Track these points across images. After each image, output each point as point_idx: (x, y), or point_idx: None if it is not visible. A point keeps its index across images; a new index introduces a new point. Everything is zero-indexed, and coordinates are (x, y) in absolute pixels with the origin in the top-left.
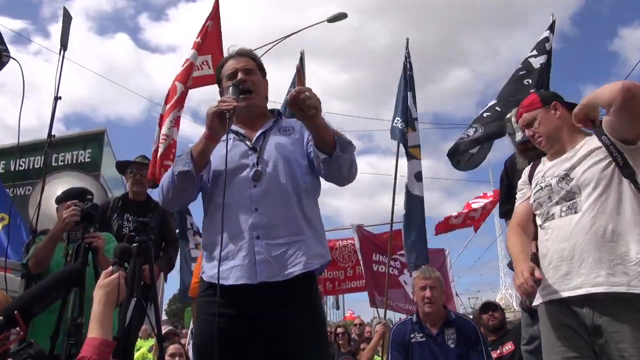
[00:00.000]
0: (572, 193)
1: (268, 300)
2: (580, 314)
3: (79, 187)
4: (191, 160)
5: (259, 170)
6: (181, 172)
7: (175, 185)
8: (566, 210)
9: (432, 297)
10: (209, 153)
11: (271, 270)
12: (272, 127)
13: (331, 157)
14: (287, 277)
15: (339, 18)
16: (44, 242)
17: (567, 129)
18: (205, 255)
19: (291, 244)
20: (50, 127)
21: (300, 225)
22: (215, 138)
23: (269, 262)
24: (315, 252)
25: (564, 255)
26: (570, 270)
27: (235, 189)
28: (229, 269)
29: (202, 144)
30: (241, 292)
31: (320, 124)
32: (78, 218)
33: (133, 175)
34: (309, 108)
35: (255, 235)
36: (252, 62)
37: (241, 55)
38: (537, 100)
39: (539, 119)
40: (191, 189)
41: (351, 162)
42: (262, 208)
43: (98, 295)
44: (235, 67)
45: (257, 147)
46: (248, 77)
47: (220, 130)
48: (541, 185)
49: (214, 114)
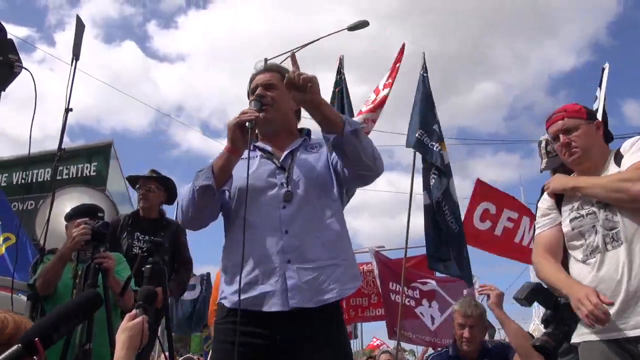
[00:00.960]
0: (614, 222)
1: (296, 328)
2: (634, 353)
3: (89, 204)
4: (212, 175)
5: (289, 191)
6: (202, 186)
7: (195, 202)
8: (610, 241)
9: (470, 338)
10: (231, 167)
11: (304, 295)
12: (300, 146)
13: (342, 136)
14: (319, 303)
15: (360, 26)
16: (52, 262)
17: (599, 150)
18: (226, 279)
19: (324, 268)
20: (61, 140)
21: (333, 249)
22: (237, 151)
23: (301, 287)
24: (348, 277)
25: (618, 290)
26: (626, 307)
27: (263, 209)
28: (258, 295)
29: (223, 157)
30: (270, 320)
31: (322, 101)
32: (89, 237)
33: (140, 190)
34: (305, 82)
35: (287, 259)
36: (276, 77)
37: (267, 71)
38: (583, 111)
39: (581, 130)
40: (212, 206)
41: (370, 143)
42: (293, 230)
43: (121, 339)
44: (257, 83)
45: (285, 166)
46: (267, 92)
47: (243, 143)
48: (581, 212)
49: (235, 125)
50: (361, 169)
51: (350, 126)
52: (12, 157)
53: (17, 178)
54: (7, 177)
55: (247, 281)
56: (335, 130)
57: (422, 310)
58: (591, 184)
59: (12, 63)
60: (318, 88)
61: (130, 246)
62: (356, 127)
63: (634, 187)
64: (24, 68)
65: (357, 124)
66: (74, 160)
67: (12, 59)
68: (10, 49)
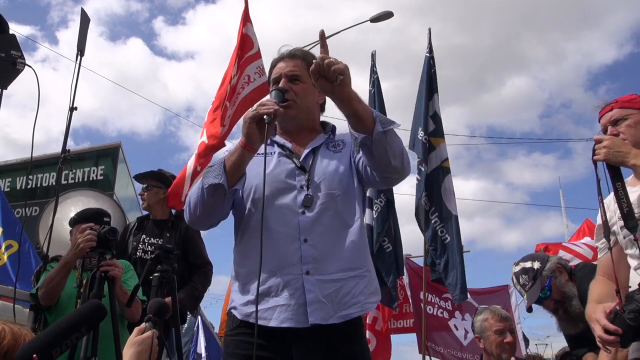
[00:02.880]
0: None
1: (314, 345)
2: None
3: (95, 208)
4: (224, 172)
5: (310, 195)
6: (212, 185)
7: (204, 201)
8: None
9: (513, 342)
10: (245, 164)
11: (325, 311)
12: (323, 143)
13: (372, 135)
14: (343, 319)
15: (383, 17)
16: (56, 271)
17: None
18: (238, 287)
19: (347, 280)
20: (65, 141)
21: (356, 259)
22: (253, 147)
23: (322, 302)
24: (372, 290)
25: None
26: None
27: (280, 213)
28: (271, 307)
29: (237, 153)
30: (283, 335)
31: (352, 95)
32: (94, 244)
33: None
34: (335, 73)
35: (305, 270)
36: (302, 66)
37: (292, 58)
38: (637, 100)
39: (632, 120)
40: (222, 205)
41: (400, 144)
42: (313, 239)
43: (128, 354)
44: (281, 72)
45: (306, 166)
46: (292, 86)
47: (259, 138)
48: None
49: (252, 118)
50: (388, 171)
51: (382, 125)
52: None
53: (21, 183)
54: (11, 182)
55: (259, 292)
56: (365, 128)
57: (455, 322)
58: None
59: (15, 60)
60: (349, 79)
61: (135, 249)
62: (388, 128)
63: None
64: (27, 65)
65: (390, 123)
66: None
67: (14, 55)
68: (13, 44)
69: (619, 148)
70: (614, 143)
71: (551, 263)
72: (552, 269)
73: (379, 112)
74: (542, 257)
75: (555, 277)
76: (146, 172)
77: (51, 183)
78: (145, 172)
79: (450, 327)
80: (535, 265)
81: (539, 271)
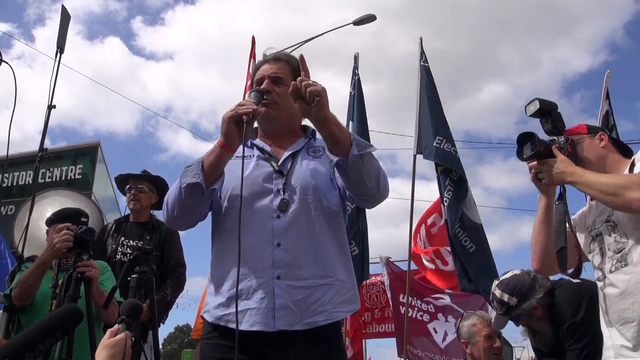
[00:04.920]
0: (620, 243)
1: (284, 350)
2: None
3: (73, 208)
4: (201, 172)
5: (286, 199)
6: (189, 184)
7: (182, 200)
8: (616, 263)
9: (501, 348)
10: (223, 165)
11: (292, 317)
12: (303, 148)
13: (348, 158)
14: (309, 326)
15: (366, 21)
16: (30, 271)
17: (610, 161)
18: (211, 290)
19: (317, 287)
20: (43, 139)
21: (329, 266)
22: (231, 147)
23: (290, 309)
24: (343, 299)
25: (625, 316)
26: (635, 334)
27: (255, 217)
28: (242, 311)
29: (215, 153)
30: (253, 338)
31: (329, 117)
32: (70, 244)
33: (130, 190)
34: (312, 95)
35: (276, 275)
36: (285, 69)
37: (276, 61)
38: (583, 127)
39: (582, 145)
40: (200, 205)
41: (377, 168)
42: (286, 244)
43: (101, 358)
44: (264, 74)
45: (284, 170)
46: (274, 88)
47: (237, 139)
48: (592, 234)
49: (230, 118)
50: (364, 194)
51: (358, 149)
52: None
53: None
54: None
55: (229, 295)
56: (342, 151)
57: (436, 325)
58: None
59: None
60: (326, 101)
61: (115, 252)
62: (364, 152)
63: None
64: (3, 61)
65: (366, 147)
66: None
67: None
68: None
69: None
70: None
71: (528, 303)
72: (527, 309)
73: (356, 136)
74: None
75: (529, 315)
76: (143, 174)
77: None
78: (142, 173)
79: (430, 330)
80: (511, 302)
81: (512, 308)
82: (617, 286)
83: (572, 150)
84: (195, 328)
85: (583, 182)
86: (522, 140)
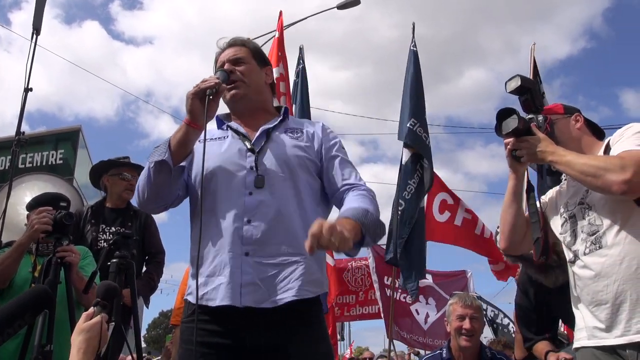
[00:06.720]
0: (595, 225)
1: (258, 328)
2: (624, 355)
3: (53, 193)
4: (168, 149)
5: (261, 175)
6: (157, 162)
7: (151, 180)
8: (590, 245)
9: (471, 330)
10: (191, 142)
11: (258, 294)
12: (277, 126)
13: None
14: (276, 303)
15: (350, 5)
16: (8, 253)
17: (585, 143)
18: (192, 272)
19: (285, 265)
20: (20, 123)
21: (300, 244)
22: (196, 124)
23: (256, 285)
24: (313, 278)
25: (599, 298)
26: (608, 315)
27: (226, 194)
28: (215, 287)
29: (182, 131)
30: (228, 315)
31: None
32: (49, 227)
33: (125, 179)
34: (341, 248)
35: (245, 251)
36: (243, 50)
37: (231, 46)
38: (559, 107)
39: (558, 125)
40: (169, 184)
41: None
42: (256, 220)
43: (77, 342)
44: (223, 60)
45: (256, 147)
46: (236, 67)
47: (203, 115)
48: (565, 216)
49: (194, 94)
50: None
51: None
52: None
53: None
54: None
55: (207, 273)
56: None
57: (418, 307)
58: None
59: None
60: (349, 240)
61: (96, 239)
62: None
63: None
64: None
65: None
66: (38, 147)
67: None
68: None
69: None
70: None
71: None
72: None
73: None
74: None
75: None
76: (136, 164)
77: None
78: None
79: (412, 312)
80: None
81: None
82: (592, 268)
83: (550, 130)
84: (174, 314)
85: (564, 162)
86: (502, 116)
